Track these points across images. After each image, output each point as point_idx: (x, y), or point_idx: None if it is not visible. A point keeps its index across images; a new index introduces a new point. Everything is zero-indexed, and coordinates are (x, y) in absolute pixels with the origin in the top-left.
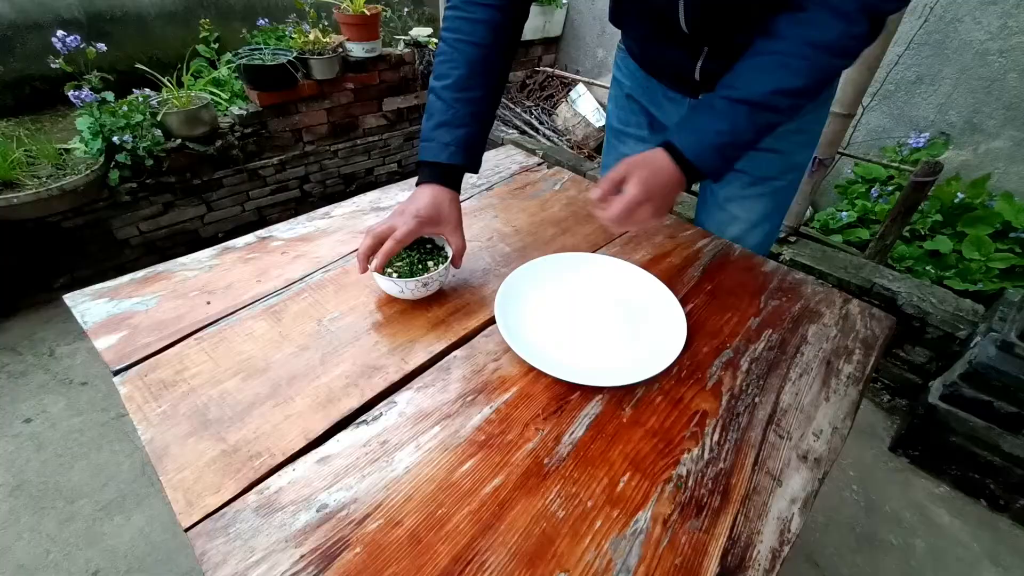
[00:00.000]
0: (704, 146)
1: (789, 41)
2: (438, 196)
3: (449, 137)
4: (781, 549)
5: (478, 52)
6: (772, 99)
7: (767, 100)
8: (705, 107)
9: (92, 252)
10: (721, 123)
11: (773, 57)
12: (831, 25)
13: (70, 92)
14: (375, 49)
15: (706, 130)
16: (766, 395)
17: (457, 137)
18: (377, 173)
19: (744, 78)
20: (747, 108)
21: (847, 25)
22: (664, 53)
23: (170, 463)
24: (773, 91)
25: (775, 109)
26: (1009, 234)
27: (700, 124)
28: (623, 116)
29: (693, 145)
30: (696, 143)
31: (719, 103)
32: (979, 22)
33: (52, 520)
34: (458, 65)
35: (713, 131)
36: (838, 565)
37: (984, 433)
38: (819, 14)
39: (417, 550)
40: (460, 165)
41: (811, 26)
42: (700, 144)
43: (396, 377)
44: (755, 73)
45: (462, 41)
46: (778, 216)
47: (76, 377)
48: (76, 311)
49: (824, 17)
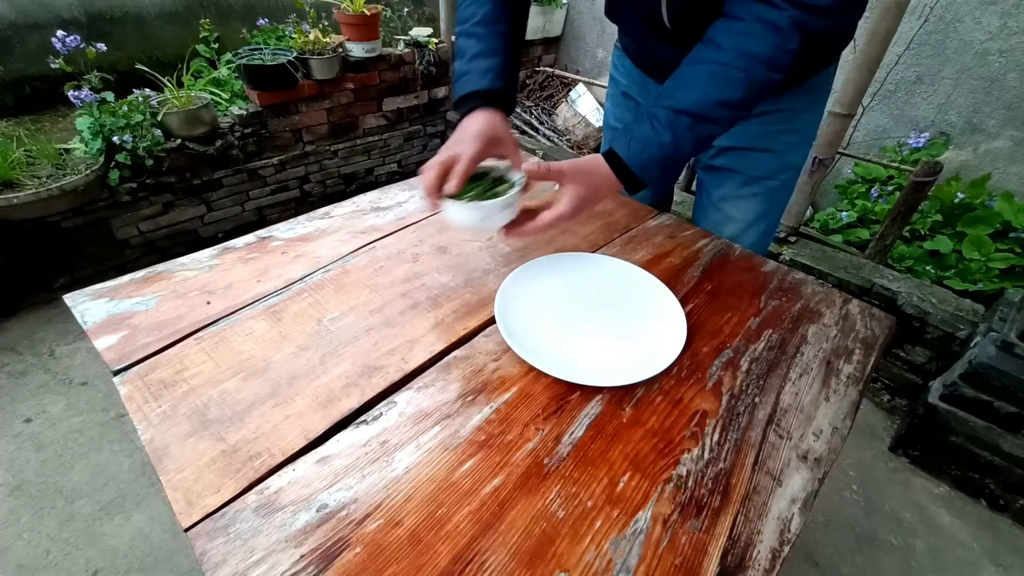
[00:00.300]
0: (647, 158)
1: (727, 52)
2: (489, 118)
3: (486, 65)
4: (781, 549)
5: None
6: (713, 111)
7: (707, 112)
8: (646, 117)
9: (92, 252)
10: (664, 135)
11: (712, 67)
12: (765, 38)
13: (70, 92)
14: (375, 49)
15: (650, 142)
16: (766, 395)
17: (493, 64)
18: (377, 173)
19: (685, 88)
20: (689, 121)
21: (780, 39)
22: (655, 50)
23: (170, 463)
24: (714, 103)
25: (716, 121)
26: (1009, 234)
27: (644, 136)
28: (619, 114)
29: (637, 157)
30: (640, 155)
31: (661, 114)
32: (979, 22)
33: (52, 520)
34: (484, 4)
35: (657, 143)
36: (838, 565)
37: (984, 433)
38: (754, 25)
39: (417, 550)
40: (501, 88)
41: (747, 37)
42: (644, 156)
43: (396, 377)
44: (696, 84)
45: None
46: (773, 216)
47: (76, 377)
48: (76, 311)
49: (758, 29)
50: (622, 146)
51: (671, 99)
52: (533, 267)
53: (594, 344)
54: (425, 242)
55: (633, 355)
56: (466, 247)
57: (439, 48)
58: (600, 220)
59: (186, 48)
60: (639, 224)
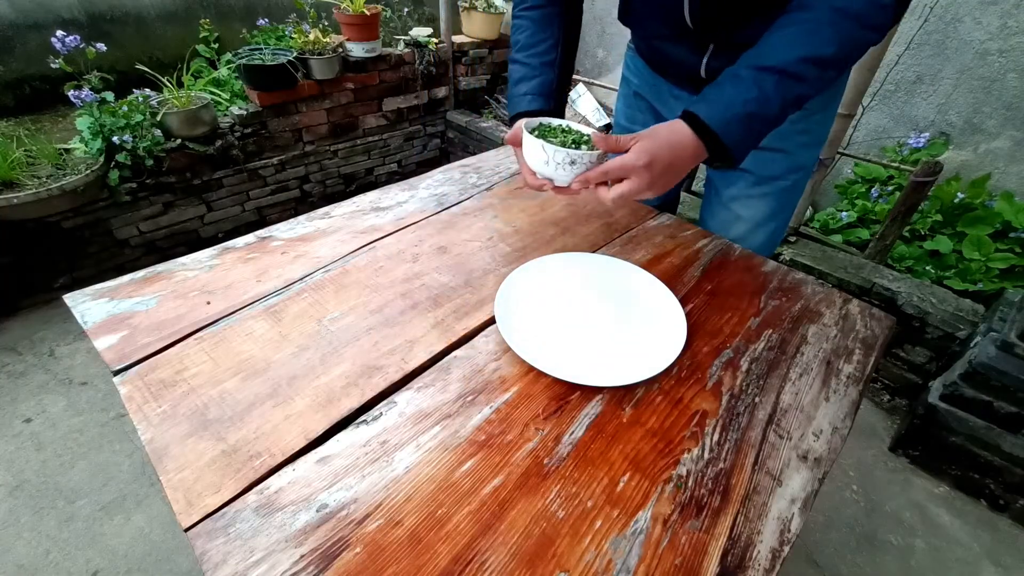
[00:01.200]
0: (731, 116)
1: (816, 10)
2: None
3: (526, 88)
4: (781, 549)
5: (538, 12)
6: (801, 67)
7: (796, 68)
8: (728, 77)
9: (92, 252)
10: (748, 91)
11: (801, 26)
12: None
13: (70, 92)
14: (375, 49)
15: (732, 100)
16: (766, 395)
17: (533, 86)
18: (377, 173)
19: (770, 47)
20: (775, 77)
21: None
22: (670, 50)
23: (170, 463)
24: (801, 58)
25: (803, 79)
26: (1009, 234)
27: (725, 94)
28: (631, 114)
29: (719, 116)
30: (722, 113)
31: (744, 72)
32: (979, 22)
33: (52, 520)
34: (525, 29)
35: (740, 100)
36: (838, 565)
37: (984, 433)
38: None
39: (417, 550)
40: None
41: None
42: (727, 114)
43: (396, 377)
44: (782, 42)
45: (525, 9)
46: (783, 217)
47: (76, 377)
48: (76, 311)
49: None
50: (702, 109)
51: (756, 58)
52: (533, 267)
53: (594, 344)
54: (425, 242)
55: (633, 355)
56: (466, 247)
57: (439, 48)
58: (600, 220)
59: (186, 48)
60: (639, 224)
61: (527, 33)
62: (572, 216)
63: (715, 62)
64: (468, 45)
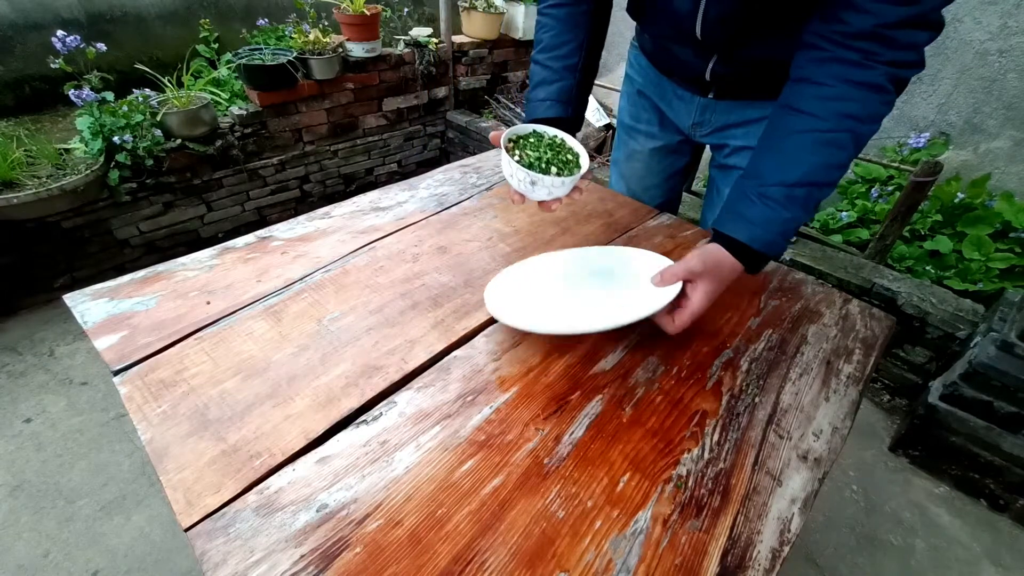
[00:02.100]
0: (773, 237)
1: (826, 119)
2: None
3: (544, 93)
4: (781, 549)
5: (564, 11)
6: (826, 175)
7: (821, 178)
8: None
9: (92, 252)
10: (784, 211)
11: (815, 135)
12: (866, 98)
13: (70, 92)
14: (375, 49)
15: (772, 221)
16: (766, 395)
17: (552, 91)
18: (377, 173)
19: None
20: (805, 191)
21: (880, 95)
22: (677, 51)
23: (170, 463)
24: (825, 168)
25: (830, 184)
26: (1009, 234)
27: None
28: (634, 112)
29: (762, 239)
30: (764, 236)
31: (774, 192)
32: (979, 22)
33: (52, 520)
34: (549, 28)
35: (779, 221)
36: (838, 565)
37: (984, 433)
38: (848, 89)
39: (417, 550)
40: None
41: (844, 101)
42: (769, 236)
43: (396, 377)
44: (802, 155)
45: (551, 6)
46: None
47: (76, 377)
48: (76, 311)
49: (854, 92)
50: (742, 232)
51: (780, 175)
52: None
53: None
54: (425, 242)
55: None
56: (466, 247)
57: (439, 48)
58: (600, 220)
59: (186, 48)
60: (639, 224)
61: (551, 33)
62: (572, 216)
63: (720, 68)
64: (468, 45)
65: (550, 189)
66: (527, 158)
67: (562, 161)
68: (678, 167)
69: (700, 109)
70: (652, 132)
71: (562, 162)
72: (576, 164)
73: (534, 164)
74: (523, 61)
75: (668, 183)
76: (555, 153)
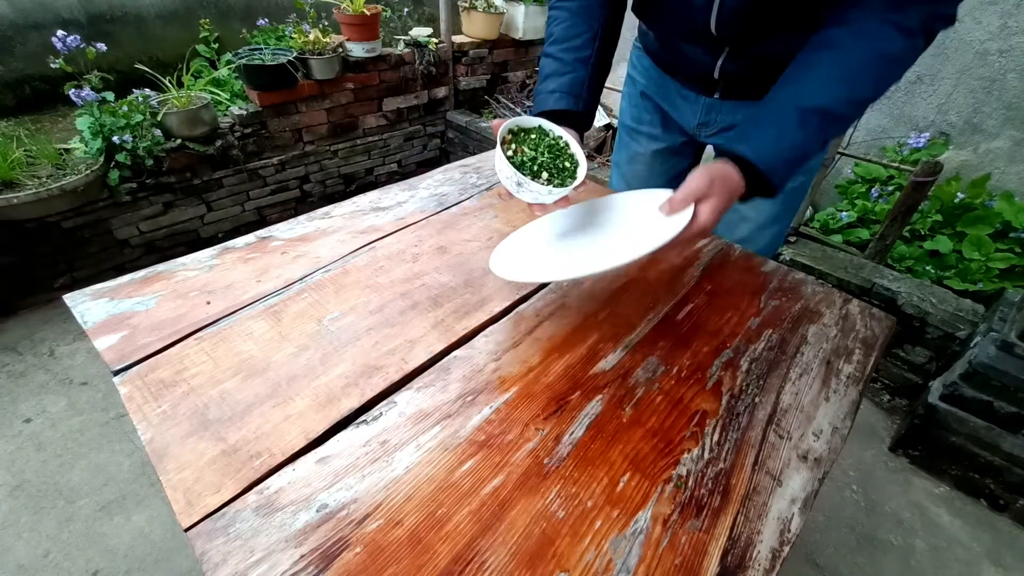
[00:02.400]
0: (779, 159)
1: (857, 53)
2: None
3: (555, 84)
4: (781, 549)
5: (577, 3)
6: (844, 109)
7: (840, 110)
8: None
9: (92, 252)
10: (795, 134)
11: (842, 69)
12: (896, 40)
13: (70, 92)
14: (375, 49)
15: (779, 142)
16: (766, 395)
17: (562, 83)
18: (377, 173)
19: (813, 87)
20: (820, 119)
21: (911, 40)
22: (685, 49)
23: (170, 463)
24: (845, 100)
25: (844, 119)
26: (1009, 234)
27: (770, 135)
28: (636, 114)
29: (767, 158)
30: (770, 155)
31: (788, 113)
32: (979, 22)
33: (52, 520)
34: (562, 20)
35: (787, 143)
36: (838, 565)
37: (984, 433)
38: (883, 28)
39: (417, 550)
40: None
41: (878, 40)
42: (775, 157)
43: (396, 377)
44: (825, 82)
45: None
46: (787, 218)
47: (76, 377)
48: (76, 311)
49: (888, 32)
50: (748, 149)
51: (798, 96)
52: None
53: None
54: (425, 242)
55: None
56: (466, 247)
57: (439, 48)
58: None
59: (186, 48)
60: None
61: (563, 26)
62: None
63: (730, 65)
64: (468, 45)
65: (536, 195)
66: (521, 156)
67: (557, 168)
68: (681, 168)
69: (705, 109)
70: (655, 134)
71: (556, 168)
72: (571, 175)
73: (525, 164)
74: (523, 61)
75: (671, 185)
76: (552, 157)
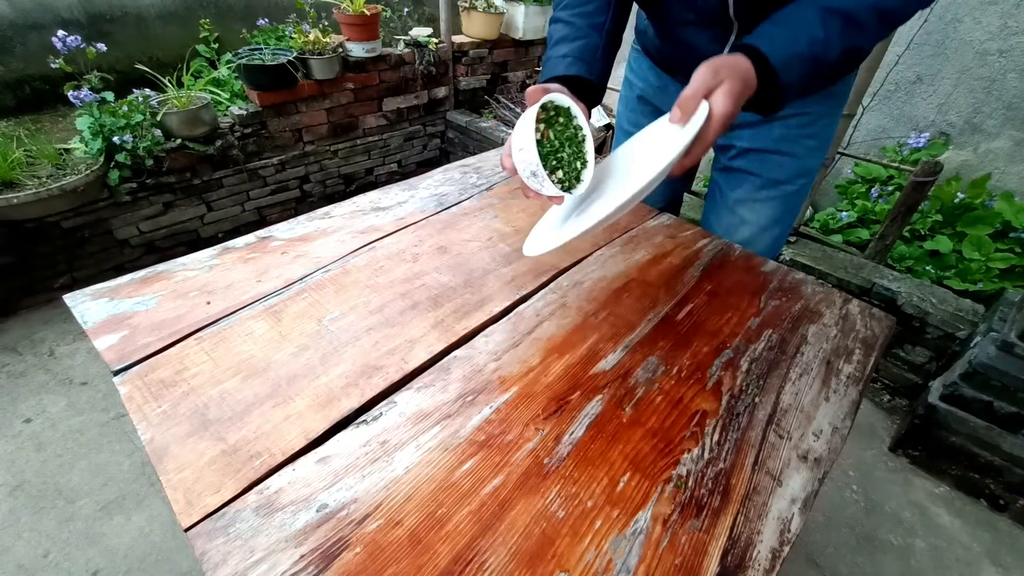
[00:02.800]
0: (793, 55)
1: None
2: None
3: (566, 49)
4: (781, 549)
5: None
6: (868, 16)
7: (864, 17)
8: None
9: (92, 252)
10: (814, 31)
11: None
12: None
13: (70, 92)
14: (375, 49)
15: (795, 37)
16: (766, 395)
17: (575, 48)
18: (377, 173)
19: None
20: (842, 22)
21: None
22: (692, 36)
23: (170, 463)
24: (871, 7)
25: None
26: (1009, 234)
27: (787, 30)
28: (634, 118)
29: (781, 52)
30: (784, 50)
31: (810, 12)
32: (979, 22)
33: (52, 520)
34: None
35: (805, 39)
36: (838, 565)
37: (984, 433)
38: None
39: (417, 550)
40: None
41: None
42: (789, 52)
43: (396, 377)
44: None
45: None
46: (788, 221)
47: (76, 377)
48: (76, 311)
49: None
50: (763, 42)
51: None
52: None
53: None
54: (425, 242)
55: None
56: (466, 247)
57: (439, 48)
58: None
59: (186, 48)
60: (639, 224)
61: None
62: None
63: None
64: (468, 45)
65: (542, 186)
66: (547, 143)
67: (570, 167)
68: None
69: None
70: None
71: (570, 167)
72: (577, 178)
73: (549, 156)
74: (523, 61)
75: (670, 187)
76: (571, 153)
